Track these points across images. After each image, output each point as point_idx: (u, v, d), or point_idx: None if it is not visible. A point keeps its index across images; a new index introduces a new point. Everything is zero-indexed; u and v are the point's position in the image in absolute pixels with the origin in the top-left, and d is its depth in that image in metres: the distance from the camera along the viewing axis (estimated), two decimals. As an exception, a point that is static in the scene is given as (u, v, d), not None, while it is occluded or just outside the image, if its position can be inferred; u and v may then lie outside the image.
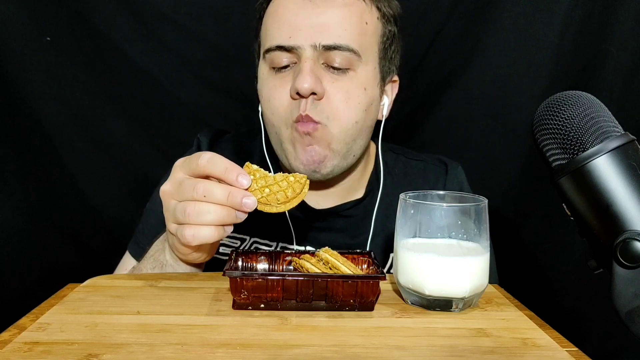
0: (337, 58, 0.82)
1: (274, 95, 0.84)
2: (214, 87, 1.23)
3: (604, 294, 0.47)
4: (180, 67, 1.21)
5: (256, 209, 0.64)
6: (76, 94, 1.20)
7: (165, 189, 0.68)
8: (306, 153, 0.83)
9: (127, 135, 1.24)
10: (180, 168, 0.67)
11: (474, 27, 1.20)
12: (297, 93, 0.80)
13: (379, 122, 0.91)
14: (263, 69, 0.87)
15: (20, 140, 1.19)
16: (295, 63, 0.83)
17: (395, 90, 0.95)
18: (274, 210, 0.65)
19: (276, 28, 0.83)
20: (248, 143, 0.99)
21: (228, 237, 0.82)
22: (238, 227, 0.69)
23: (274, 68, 0.84)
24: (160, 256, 0.76)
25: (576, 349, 0.53)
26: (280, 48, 0.82)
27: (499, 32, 1.19)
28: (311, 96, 0.81)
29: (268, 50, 0.84)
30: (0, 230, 1.18)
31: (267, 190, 0.64)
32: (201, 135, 0.99)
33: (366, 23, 0.85)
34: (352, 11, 0.83)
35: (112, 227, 1.26)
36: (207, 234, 0.64)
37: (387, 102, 0.92)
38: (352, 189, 0.95)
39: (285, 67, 0.83)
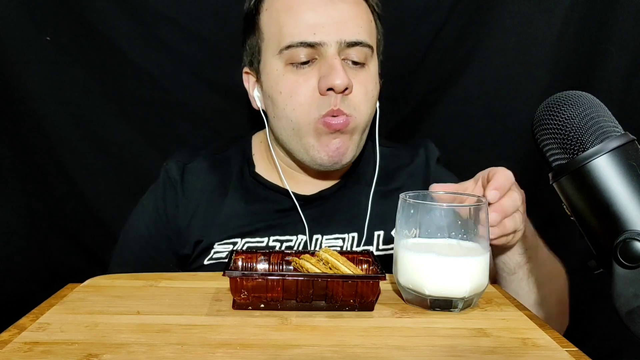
0: (357, 53, 0.85)
1: (298, 92, 0.85)
2: (214, 87, 1.23)
3: (604, 294, 0.47)
4: (180, 67, 1.21)
5: None
6: (76, 93, 1.19)
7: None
8: (331, 145, 0.85)
9: (127, 135, 1.23)
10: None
11: (474, 27, 1.20)
12: (330, 89, 0.82)
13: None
14: (276, 66, 0.87)
15: (20, 140, 1.19)
16: (315, 59, 0.84)
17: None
18: None
19: (294, 24, 0.84)
20: (220, 154, 1.00)
21: (227, 237, 0.89)
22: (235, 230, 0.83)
23: (292, 64, 0.85)
24: None
25: (576, 349, 0.53)
26: (303, 44, 0.83)
27: (499, 32, 1.19)
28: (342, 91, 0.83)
29: (289, 47, 0.84)
30: (0, 231, 1.18)
31: None
32: (168, 164, 0.98)
33: (371, 20, 0.90)
34: (361, 9, 0.88)
35: (112, 227, 1.26)
36: None
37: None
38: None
39: (305, 62, 0.85)
